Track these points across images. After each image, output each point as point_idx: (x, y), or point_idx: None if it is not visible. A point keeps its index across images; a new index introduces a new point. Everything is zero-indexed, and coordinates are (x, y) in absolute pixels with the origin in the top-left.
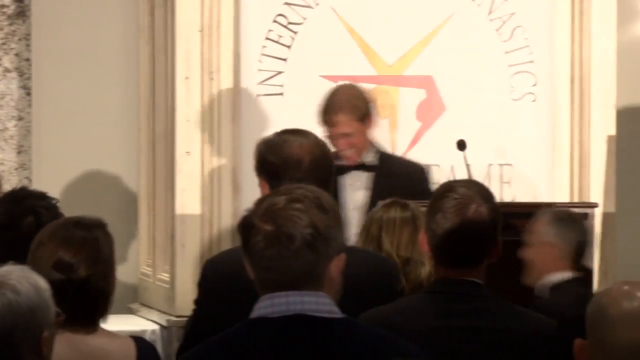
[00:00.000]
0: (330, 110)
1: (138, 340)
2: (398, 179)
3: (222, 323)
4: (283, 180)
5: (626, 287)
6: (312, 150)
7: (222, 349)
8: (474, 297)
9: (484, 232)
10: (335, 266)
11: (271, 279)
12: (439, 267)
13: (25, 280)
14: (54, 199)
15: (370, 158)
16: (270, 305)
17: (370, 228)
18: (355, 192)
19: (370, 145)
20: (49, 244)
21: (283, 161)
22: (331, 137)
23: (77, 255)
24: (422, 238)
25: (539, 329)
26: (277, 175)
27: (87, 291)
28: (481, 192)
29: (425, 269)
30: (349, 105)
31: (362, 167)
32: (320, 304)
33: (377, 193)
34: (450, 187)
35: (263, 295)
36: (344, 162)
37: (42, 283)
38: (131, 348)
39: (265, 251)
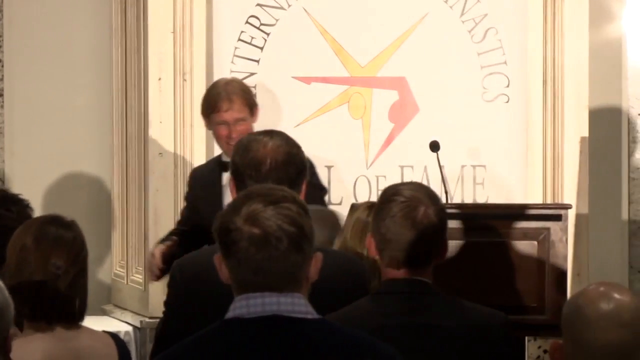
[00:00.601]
0: (222, 97)
1: (113, 335)
2: None
3: (192, 324)
4: (245, 181)
5: (602, 288)
6: (276, 152)
7: (197, 350)
8: (424, 295)
9: (433, 235)
10: (314, 265)
11: (256, 281)
12: (387, 269)
13: None
14: (23, 200)
15: None
16: (246, 305)
17: (361, 230)
18: None
19: None
20: (39, 245)
21: (246, 162)
22: (222, 126)
23: (69, 255)
24: (370, 242)
25: (488, 322)
26: (240, 176)
27: (74, 289)
28: (428, 194)
29: None
30: (241, 92)
31: None
32: (296, 304)
33: None
34: (396, 190)
35: (239, 296)
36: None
37: (0, 282)
38: (111, 343)
39: (256, 255)
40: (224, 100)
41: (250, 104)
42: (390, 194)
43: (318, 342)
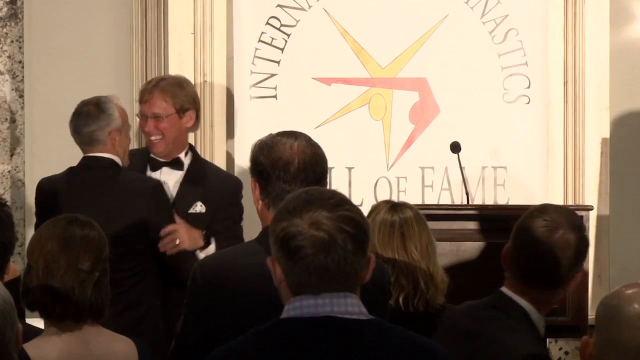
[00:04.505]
0: (147, 88)
1: (134, 339)
2: (208, 185)
3: (212, 325)
4: (272, 182)
5: (637, 289)
6: (303, 152)
7: (251, 347)
8: (495, 309)
9: (565, 259)
10: (367, 267)
11: (318, 284)
12: (507, 280)
13: None
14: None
15: (185, 158)
16: (300, 307)
17: (389, 232)
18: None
19: (187, 146)
20: (68, 247)
21: (272, 162)
22: (142, 119)
23: (96, 255)
24: (505, 252)
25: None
26: (266, 175)
27: (99, 289)
28: (571, 220)
29: (440, 272)
30: (170, 89)
31: (175, 164)
32: (349, 305)
33: (182, 194)
34: (543, 208)
35: (293, 297)
36: (157, 157)
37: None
38: (132, 346)
39: (325, 259)
40: (146, 92)
41: (179, 105)
42: (536, 210)
43: (370, 343)
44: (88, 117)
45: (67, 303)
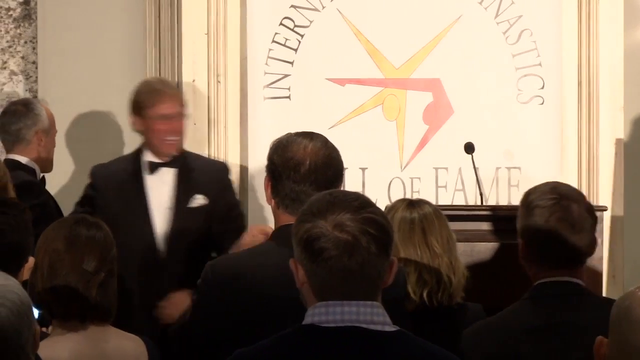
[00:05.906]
0: (159, 94)
1: (143, 337)
2: (201, 176)
3: (219, 324)
4: (282, 181)
5: None
6: (315, 154)
7: (273, 353)
8: (574, 295)
9: (588, 232)
10: (390, 270)
11: (341, 288)
12: (540, 272)
13: (11, 280)
14: (19, 205)
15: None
16: (325, 313)
17: (409, 229)
18: (162, 190)
19: None
20: (72, 247)
21: (284, 162)
22: (158, 122)
23: (101, 256)
24: (521, 247)
25: None
26: (278, 175)
27: (105, 289)
28: (573, 193)
29: (460, 266)
30: (174, 91)
31: (171, 162)
32: (374, 314)
33: (180, 190)
34: (541, 191)
35: (318, 302)
36: (157, 159)
37: (18, 284)
38: (142, 346)
39: (348, 261)
40: (166, 95)
41: (183, 103)
42: (538, 193)
43: (394, 356)
44: (15, 115)
45: (71, 303)
